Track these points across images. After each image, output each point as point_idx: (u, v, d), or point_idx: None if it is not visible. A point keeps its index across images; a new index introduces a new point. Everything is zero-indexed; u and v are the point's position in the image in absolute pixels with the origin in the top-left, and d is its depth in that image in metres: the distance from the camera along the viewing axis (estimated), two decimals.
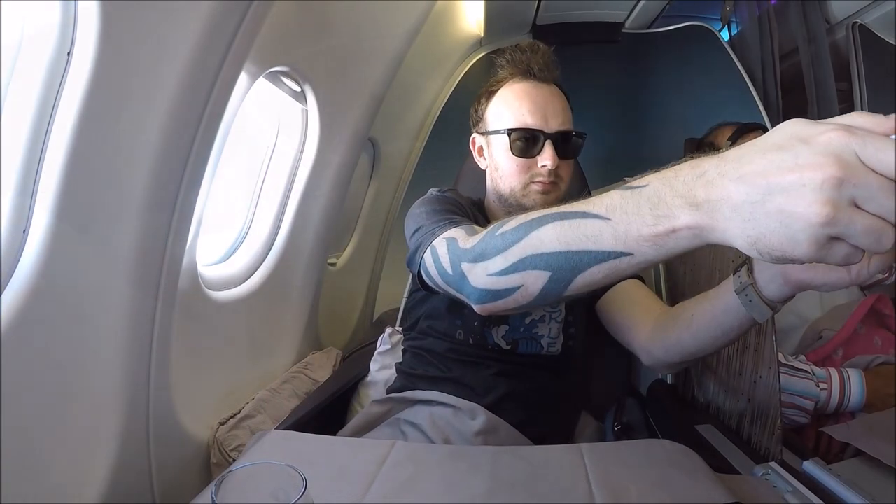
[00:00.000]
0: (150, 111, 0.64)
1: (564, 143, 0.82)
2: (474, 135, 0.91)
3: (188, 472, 0.86)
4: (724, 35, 1.95)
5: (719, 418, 0.88)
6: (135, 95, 0.62)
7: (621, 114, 2.01)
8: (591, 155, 1.73)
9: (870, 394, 0.86)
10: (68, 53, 0.56)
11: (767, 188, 0.32)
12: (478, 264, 0.53)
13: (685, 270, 1.04)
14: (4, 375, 0.55)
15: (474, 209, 0.88)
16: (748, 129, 1.14)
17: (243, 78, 0.83)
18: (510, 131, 0.81)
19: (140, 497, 0.77)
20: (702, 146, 1.24)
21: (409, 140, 1.89)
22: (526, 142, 0.80)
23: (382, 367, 1.05)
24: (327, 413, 0.95)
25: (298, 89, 1.10)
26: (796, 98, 1.66)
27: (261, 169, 1.18)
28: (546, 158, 0.80)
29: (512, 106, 0.83)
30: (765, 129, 1.16)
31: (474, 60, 1.93)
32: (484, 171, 0.91)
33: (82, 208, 0.61)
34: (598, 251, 0.42)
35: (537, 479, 0.53)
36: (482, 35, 1.82)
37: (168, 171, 0.69)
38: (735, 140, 1.13)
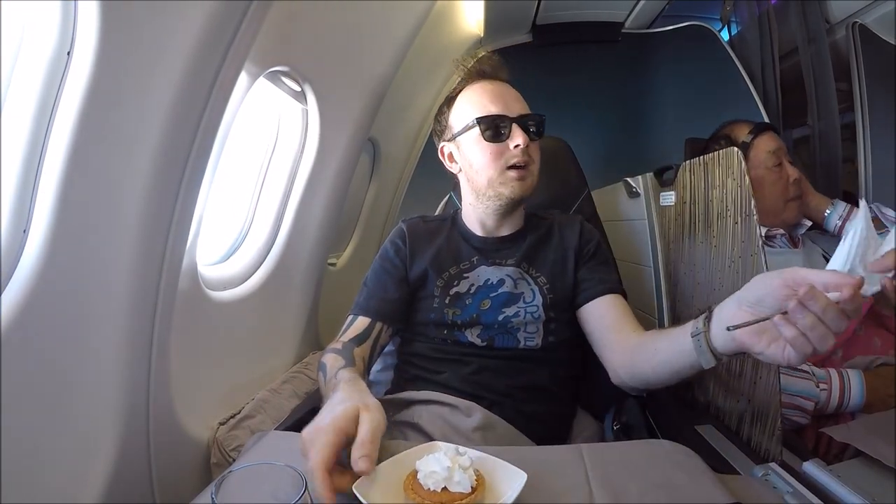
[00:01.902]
0: (150, 111, 0.64)
1: (529, 125, 0.87)
2: (442, 144, 0.95)
3: (188, 472, 0.86)
4: (724, 35, 1.95)
5: (719, 418, 0.88)
6: (135, 95, 0.62)
7: (621, 114, 2.01)
8: (591, 154, 1.74)
9: (870, 394, 0.86)
10: (68, 53, 0.56)
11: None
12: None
13: (685, 270, 1.04)
14: (4, 375, 0.55)
15: (432, 232, 0.96)
16: (763, 129, 1.15)
17: (243, 78, 0.83)
18: (479, 119, 0.86)
19: (140, 497, 0.77)
20: (717, 139, 1.22)
21: (409, 140, 1.89)
22: (495, 127, 0.86)
23: (384, 368, 1.05)
24: None
25: (298, 89, 1.10)
26: (796, 98, 1.66)
27: (261, 169, 1.18)
28: (517, 138, 0.85)
29: (473, 101, 0.89)
30: (775, 130, 1.16)
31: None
32: None
33: (82, 208, 0.61)
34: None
35: (537, 479, 0.53)
36: (482, 35, 1.82)
37: (168, 171, 0.69)
38: (755, 137, 1.13)
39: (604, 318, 0.86)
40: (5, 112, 0.57)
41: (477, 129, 0.86)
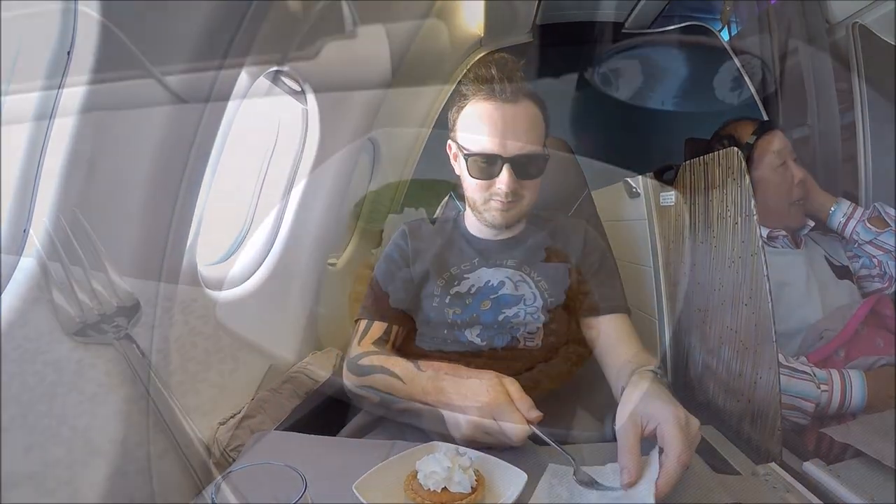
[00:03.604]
0: (150, 110, 0.64)
1: (524, 165, 0.83)
2: (449, 141, 0.92)
3: (188, 472, 0.86)
4: (724, 35, 1.95)
5: (719, 418, 0.88)
6: (134, 95, 0.62)
7: (621, 114, 2.01)
8: (591, 155, 1.74)
9: (871, 395, 0.86)
10: (68, 53, 0.56)
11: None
12: (345, 370, 0.83)
13: (685, 270, 1.04)
14: (4, 375, 0.55)
15: (433, 234, 0.96)
16: (767, 128, 1.14)
17: (243, 77, 0.83)
18: (467, 156, 0.83)
19: (140, 497, 0.77)
20: (719, 139, 1.21)
21: (409, 140, 1.89)
22: (484, 165, 0.83)
23: None
24: (327, 413, 0.95)
25: (298, 89, 1.10)
26: (796, 98, 1.65)
27: (261, 169, 1.18)
28: (502, 182, 0.82)
29: (472, 128, 0.84)
30: (780, 128, 1.16)
31: (474, 60, 1.93)
32: None
33: (82, 208, 0.61)
34: (397, 398, 0.74)
35: (537, 479, 0.53)
36: (482, 35, 1.82)
37: (168, 171, 0.69)
38: (759, 137, 1.12)
39: (601, 337, 0.87)
40: (5, 112, 0.57)
41: (466, 161, 0.84)
